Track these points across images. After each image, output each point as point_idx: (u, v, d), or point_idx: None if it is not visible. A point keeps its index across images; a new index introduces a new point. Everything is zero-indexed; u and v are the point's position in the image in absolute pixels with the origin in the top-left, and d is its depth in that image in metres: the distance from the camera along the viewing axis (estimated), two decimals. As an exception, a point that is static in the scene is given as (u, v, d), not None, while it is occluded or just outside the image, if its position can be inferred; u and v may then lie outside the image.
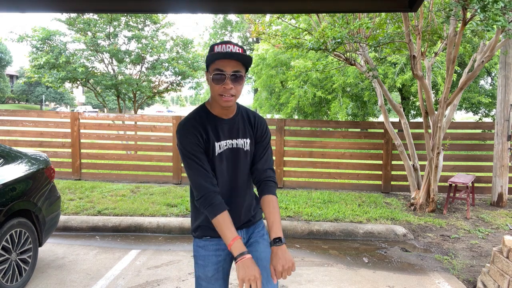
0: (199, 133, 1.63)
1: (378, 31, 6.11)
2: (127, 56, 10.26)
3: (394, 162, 7.00)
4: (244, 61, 1.60)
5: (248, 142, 1.74)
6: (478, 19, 4.43)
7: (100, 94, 11.11)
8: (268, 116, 18.66)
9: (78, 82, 10.35)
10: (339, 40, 5.35)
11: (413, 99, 14.79)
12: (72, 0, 2.09)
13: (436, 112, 5.75)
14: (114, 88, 10.21)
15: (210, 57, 1.58)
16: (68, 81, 9.95)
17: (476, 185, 6.64)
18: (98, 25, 9.88)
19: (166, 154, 7.51)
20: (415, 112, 15.69)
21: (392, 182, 7.06)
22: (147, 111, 39.77)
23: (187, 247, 4.38)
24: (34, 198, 3.40)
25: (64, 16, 9.63)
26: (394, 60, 12.14)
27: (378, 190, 7.10)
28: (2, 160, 3.34)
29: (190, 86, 12.83)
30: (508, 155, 6.26)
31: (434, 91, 12.30)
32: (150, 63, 10.84)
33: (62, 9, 2.61)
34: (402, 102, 15.05)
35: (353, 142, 7.53)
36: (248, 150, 1.74)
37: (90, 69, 10.05)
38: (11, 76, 44.00)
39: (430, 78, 6.16)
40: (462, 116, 26.51)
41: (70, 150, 7.42)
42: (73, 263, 3.84)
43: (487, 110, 15.67)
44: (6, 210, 3.03)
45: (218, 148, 1.67)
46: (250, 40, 27.74)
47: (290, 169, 7.31)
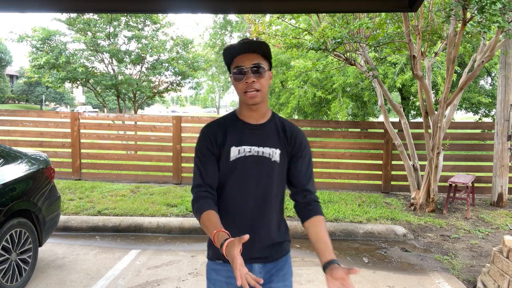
0: (214, 137, 1.51)
1: (378, 31, 6.11)
2: (127, 56, 10.26)
3: (394, 162, 7.00)
4: (262, 51, 1.46)
5: (277, 152, 1.52)
6: (477, 20, 4.43)
7: (100, 94, 11.11)
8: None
9: (78, 82, 10.35)
10: (339, 40, 5.36)
11: (413, 99, 14.78)
12: (72, 0, 2.09)
13: (436, 112, 5.75)
14: (114, 88, 10.21)
15: (226, 55, 1.47)
16: (68, 81, 9.95)
17: (476, 185, 6.64)
18: (98, 25, 9.89)
19: (166, 154, 7.51)
20: (415, 112, 15.67)
21: (392, 182, 7.06)
22: (148, 111, 39.75)
23: (187, 247, 4.38)
24: (34, 198, 3.40)
25: (64, 16, 9.63)
26: (394, 60, 12.13)
27: (378, 190, 7.10)
28: (2, 160, 3.34)
29: (190, 86, 12.83)
30: (508, 155, 6.26)
31: (434, 91, 12.28)
32: (150, 63, 10.84)
33: (62, 9, 2.61)
34: (402, 102, 15.04)
35: (353, 142, 7.53)
36: (276, 161, 1.51)
37: (90, 69, 10.06)
38: (11, 76, 43.98)
39: (430, 78, 6.16)
40: (462, 116, 26.49)
41: (70, 150, 7.42)
42: (73, 263, 3.84)
43: (487, 110, 15.66)
44: (6, 210, 3.03)
45: (236, 152, 1.49)
46: (250, 40, 27.70)
47: (290, 169, 7.29)
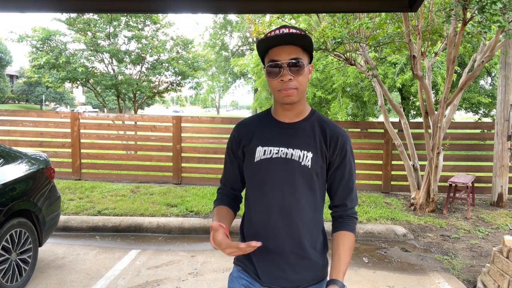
0: (240, 135, 1.43)
1: (378, 31, 6.11)
2: (127, 56, 10.26)
3: (394, 162, 7.00)
4: (302, 44, 1.27)
5: (309, 156, 1.32)
6: (478, 20, 4.43)
7: (100, 94, 11.11)
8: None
9: (78, 82, 10.35)
10: (339, 40, 5.36)
11: (413, 99, 14.78)
12: (72, 0, 2.09)
13: (436, 112, 5.75)
14: (114, 88, 10.21)
15: (261, 46, 1.28)
16: (68, 81, 9.95)
17: (476, 185, 6.64)
18: (98, 25, 9.89)
19: (166, 154, 7.51)
20: (415, 112, 15.66)
21: (392, 182, 7.06)
22: (148, 111, 39.75)
23: (187, 247, 4.38)
24: (34, 198, 3.40)
25: (64, 16, 9.63)
26: (394, 60, 12.12)
27: (378, 190, 7.10)
28: (2, 160, 3.34)
29: (190, 86, 12.83)
30: (508, 155, 6.26)
31: (434, 91, 12.28)
32: (150, 63, 10.84)
33: (62, 9, 2.61)
34: (402, 102, 15.04)
35: (353, 142, 7.41)
36: (307, 165, 1.32)
37: (90, 69, 10.05)
38: (11, 76, 43.99)
39: (430, 78, 6.15)
40: (462, 116, 26.47)
41: (70, 150, 7.42)
42: (73, 263, 3.84)
43: (487, 110, 15.65)
44: (6, 210, 3.03)
45: (261, 153, 1.35)
46: (250, 40, 27.69)
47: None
